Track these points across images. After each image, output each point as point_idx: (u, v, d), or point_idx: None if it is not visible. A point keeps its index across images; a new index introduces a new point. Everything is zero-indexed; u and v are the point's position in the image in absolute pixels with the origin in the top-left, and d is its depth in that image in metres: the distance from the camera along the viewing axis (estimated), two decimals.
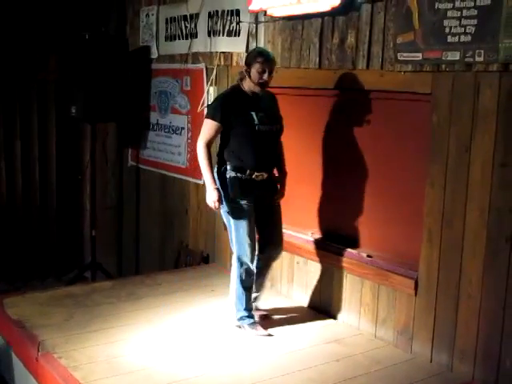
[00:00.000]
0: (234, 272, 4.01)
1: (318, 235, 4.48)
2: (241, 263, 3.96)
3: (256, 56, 3.86)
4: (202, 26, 5.30)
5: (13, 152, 6.57)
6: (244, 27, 4.83)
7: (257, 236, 4.03)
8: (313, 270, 4.46)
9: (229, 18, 4.98)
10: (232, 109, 3.86)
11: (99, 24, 6.44)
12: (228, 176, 3.87)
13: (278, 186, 4.09)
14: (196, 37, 5.40)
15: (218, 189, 3.86)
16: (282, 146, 4.12)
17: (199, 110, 5.32)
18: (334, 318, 4.28)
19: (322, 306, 4.39)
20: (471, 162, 3.40)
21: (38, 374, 3.56)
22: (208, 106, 4.90)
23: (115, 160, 6.83)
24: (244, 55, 4.84)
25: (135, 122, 6.40)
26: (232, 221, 3.93)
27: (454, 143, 3.49)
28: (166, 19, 5.80)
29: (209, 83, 5.24)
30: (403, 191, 3.92)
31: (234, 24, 4.91)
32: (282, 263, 4.69)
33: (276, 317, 4.26)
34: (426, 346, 3.70)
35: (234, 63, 4.99)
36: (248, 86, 3.91)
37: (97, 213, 6.45)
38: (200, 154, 3.88)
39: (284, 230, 4.60)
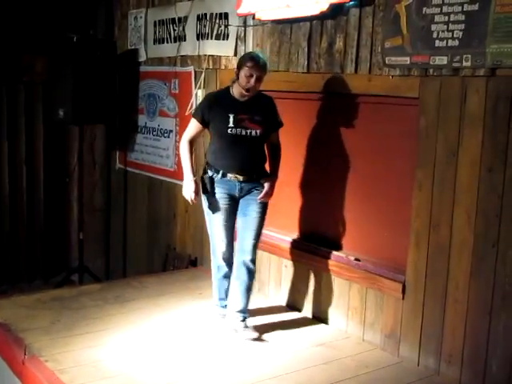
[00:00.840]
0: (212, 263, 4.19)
1: (304, 238, 4.49)
2: (213, 257, 4.13)
3: (246, 60, 3.84)
4: (191, 29, 5.30)
5: (0, 155, 6.52)
6: (232, 31, 4.83)
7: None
8: (300, 273, 4.46)
9: (217, 21, 4.98)
10: (213, 109, 3.92)
11: (87, 26, 6.42)
12: (204, 174, 3.98)
13: (265, 186, 3.98)
14: (184, 40, 5.40)
15: (195, 181, 3.98)
16: (279, 149, 4.11)
17: (187, 112, 5.31)
18: (322, 321, 4.29)
19: (310, 309, 4.39)
20: (458, 166, 3.42)
21: (25, 378, 3.54)
22: None
23: (103, 162, 6.82)
24: (232, 58, 4.86)
25: (123, 124, 6.40)
26: (207, 216, 4.06)
27: (441, 147, 3.50)
28: (155, 22, 5.80)
29: (197, 86, 5.24)
30: (391, 195, 3.93)
31: (223, 27, 4.92)
32: (269, 266, 4.70)
33: (263, 320, 4.26)
34: (414, 350, 3.72)
35: (223, 66, 4.99)
36: (237, 89, 3.90)
37: (84, 216, 6.43)
38: (180, 147, 4.08)
39: (272, 234, 4.62)
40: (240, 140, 3.87)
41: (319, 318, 4.32)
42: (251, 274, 4.01)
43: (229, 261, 4.08)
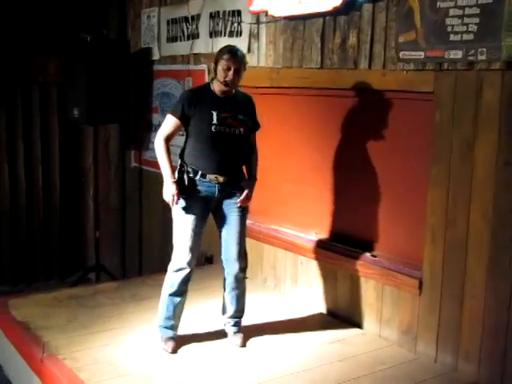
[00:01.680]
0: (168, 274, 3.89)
1: (321, 235, 4.48)
2: (173, 266, 3.82)
3: (223, 52, 3.67)
4: (204, 26, 5.30)
5: (16, 155, 6.57)
6: (245, 28, 4.83)
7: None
8: (316, 270, 4.45)
9: (230, 18, 4.98)
10: (193, 106, 3.69)
11: (100, 26, 6.45)
12: (179, 175, 3.74)
13: (245, 190, 3.78)
14: (197, 38, 5.40)
15: (176, 182, 3.70)
16: (256, 151, 3.93)
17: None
18: (338, 318, 4.28)
19: (326, 306, 4.38)
20: (474, 161, 3.39)
21: (43, 376, 3.56)
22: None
23: (118, 162, 6.84)
24: (246, 56, 4.84)
25: (137, 123, 6.41)
26: (176, 220, 3.82)
27: (456, 142, 3.48)
28: (168, 21, 5.81)
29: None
30: (406, 191, 3.91)
31: (236, 25, 4.92)
32: (285, 263, 4.69)
33: (279, 317, 4.26)
34: (431, 346, 3.70)
35: None
36: (217, 85, 3.70)
37: (100, 214, 6.46)
38: (156, 147, 3.79)
39: (288, 231, 4.61)
40: (223, 139, 3.68)
41: (335, 314, 4.30)
42: (240, 282, 3.86)
43: (188, 276, 3.80)
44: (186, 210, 3.74)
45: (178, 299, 3.80)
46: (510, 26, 3.12)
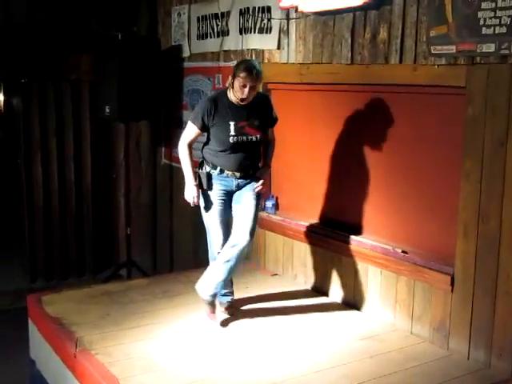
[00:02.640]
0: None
1: (350, 231, 4.46)
2: (210, 250, 4.25)
3: (240, 71, 3.85)
4: (234, 23, 5.30)
5: (49, 152, 6.66)
6: (275, 24, 4.82)
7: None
8: (347, 265, 4.43)
9: (260, 14, 4.97)
10: (213, 116, 3.95)
11: (131, 24, 6.50)
12: (202, 170, 4.06)
13: (261, 177, 4.09)
14: (227, 34, 5.41)
15: (197, 185, 4.04)
16: (273, 141, 4.20)
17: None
18: (369, 314, 4.26)
19: (357, 303, 4.37)
20: (507, 156, 3.35)
21: (76, 371, 3.61)
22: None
23: (149, 158, 6.89)
24: (276, 52, 4.85)
25: (168, 120, 6.45)
26: (204, 210, 4.12)
27: (489, 137, 3.44)
28: (198, 18, 5.82)
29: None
30: (438, 186, 3.88)
31: (266, 21, 4.91)
32: (315, 259, 4.68)
33: (310, 313, 4.25)
34: (463, 343, 3.66)
35: (266, 60, 4.98)
36: (233, 95, 3.93)
37: (131, 211, 6.51)
38: (180, 152, 4.10)
39: (317, 226, 4.60)
40: (240, 146, 3.95)
41: (366, 310, 4.29)
42: (243, 255, 4.02)
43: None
44: (208, 202, 4.06)
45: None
46: None
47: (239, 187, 4.07)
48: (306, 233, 4.73)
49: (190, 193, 4.06)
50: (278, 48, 4.81)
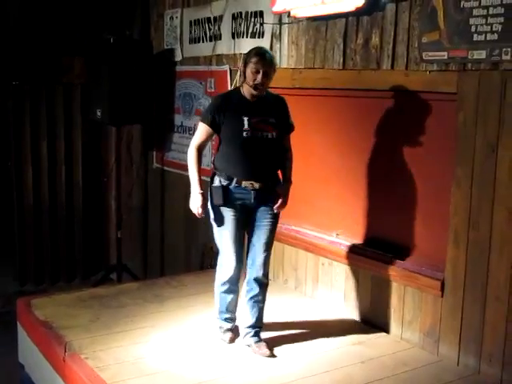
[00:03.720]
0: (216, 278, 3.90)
1: (343, 236, 4.46)
2: (220, 270, 3.83)
3: (251, 55, 3.60)
4: (226, 27, 5.31)
5: (39, 154, 6.63)
6: (268, 28, 4.83)
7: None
8: (338, 271, 4.44)
9: (252, 19, 4.98)
10: (223, 112, 3.65)
11: (124, 27, 6.48)
12: (214, 183, 3.70)
13: (281, 195, 3.74)
14: (220, 39, 5.41)
15: (202, 193, 3.70)
16: (290, 153, 3.87)
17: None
18: (360, 319, 4.26)
19: (347, 308, 4.37)
20: (498, 162, 3.36)
21: (65, 375, 3.59)
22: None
23: (140, 162, 6.88)
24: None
25: (160, 124, 6.44)
26: (216, 229, 3.76)
27: (480, 143, 3.45)
28: (190, 22, 5.82)
29: (233, 85, 5.25)
30: (428, 192, 3.89)
31: (258, 25, 4.92)
32: (306, 264, 4.68)
33: (300, 319, 4.25)
34: (453, 349, 3.67)
35: None
36: (246, 89, 3.66)
37: (122, 214, 6.49)
38: (188, 157, 3.76)
39: (309, 232, 4.60)
40: (255, 143, 3.62)
41: (357, 316, 4.29)
42: (263, 288, 3.80)
43: (237, 277, 3.79)
44: (222, 219, 3.70)
45: (230, 296, 3.85)
46: None
47: (258, 202, 3.69)
48: (297, 237, 4.73)
49: (195, 202, 3.72)
50: None
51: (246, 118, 3.60)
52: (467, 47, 3.42)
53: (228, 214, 3.69)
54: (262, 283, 3.79)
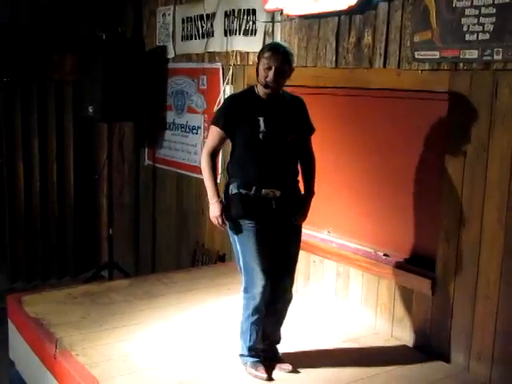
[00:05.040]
0: (242, 303, 3.48)
1: (334, 234, 4.47)
2: (248, 295, 3.41)
3: (264, 51, 3.32)
4: (219, 25, 5.31)
5: (31, 151, 6.60)
6: (260, 26, 4.83)
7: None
8: (329, 268, 4.45)
9: (245, 17, 4.98)
10: (237, 114, 3.34)
11: (116, 24, 6.47)
12: (230, 192, 3.36)
13: (303, 207, 3.49)
14: (212, 36, 5.41)
15: (221, 201, 3.38)
16: (314, 160, 3.57)
17: (215, 109, 5.32)
18: (350, 317, 4.27)
19: (338, 305, 4.38)
20: (489, 161, 3.38)
21: (56, 372, 3.59)
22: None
23: (132, 159, 6.87)
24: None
25: (152, 121, 6.44)
26: (238, 244, 3.41)
27: (471, 142, 3.47)
28: (183, 19, 5.82)
29: (225, 82, 5.25)
30: (420, 190, 3.90)
31: (251, 23, 4.92)
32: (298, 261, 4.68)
33: (291, 315, 4.25)
34: (443, 347, 3.69)
35: (251, 62, 4.99)
36: (260, 87, 3.37)
37: (113, 212, 6.48)
38: (202, 164, 3.43)
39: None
40: (273, 147, 3.30)
41: (347, 313, 4.30)
42: (288, 303, 3.55)
43: (268, 298, 3.39)
44: (241, 232, 3.35)
45: (256, 326, 3.45)
46: None
47: (278, 212, 3.35)
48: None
49: (214, 212, 3.36)
50: None
51: (261, 119, 3.30)
52: (459, 47, 3.43)
53: (250, 226, 3.33)
54: (288, 299, 3.54)
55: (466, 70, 3.45)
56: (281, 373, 3.47)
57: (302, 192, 3.54)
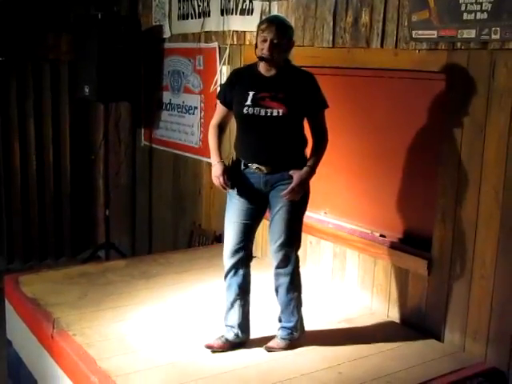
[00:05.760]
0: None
1: (331, 215, 4.48)
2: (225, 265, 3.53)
3: (261, 23, 3.29)
4: (215, 4, 5.26)
5: (26, 132, 6.58)
6: (257, 6, 4.79)
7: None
8: (326, 249, 4.46)
9: None
10: (234, 88, 3.37)
11: (111, 3, 6.40)
12: (231, 165, 3.47)
13: (294, 179, 3.33)
14: (209, 15, 5.37)
15: (222, 162, 3.38)
16: (323, 137, 3.43)
17: (212, 89, 5.30)
18: (347, 297, 4.29)
19: (335, 286, 4.40)
20: (486, 141, 3.38)
21: (53, 351, 3.60)
22: None
23: (128, 140, 6.85)
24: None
25: (148, 101, 6.41)
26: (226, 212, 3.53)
27: (468, 122, 3.46)
28: None
29: (222, 62, 5.22)
30: (416, 170, 3.90)
31: (247, 2, 4.88)
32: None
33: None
34: (439, 326, 3.71)
35: (247, 42, 4.95)
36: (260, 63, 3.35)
37: (110, 193, 6.48)
38: (209, 134, 3.53)
39: None
40: (259, 122, 3.28)
41: (344, 294, 4.31)
42: (282, 277, 3.52)
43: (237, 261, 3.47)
44: (231, 201, 3.45)
45: (238, 302, 3.51)
46: None
47: (267, 187, 3.37)
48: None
49: (215, 172, 3.37)
50: None
51: (251, 93, 3.27)
52: (457, 26, 3.41)
53: (235, 200, 3.43)
54: (278, 273, 3.52)
55: (464, 49, 3.43)
56: (281, 355, 3.48)
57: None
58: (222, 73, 5.20)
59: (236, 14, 5.01)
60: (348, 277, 4.30)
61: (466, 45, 3.42)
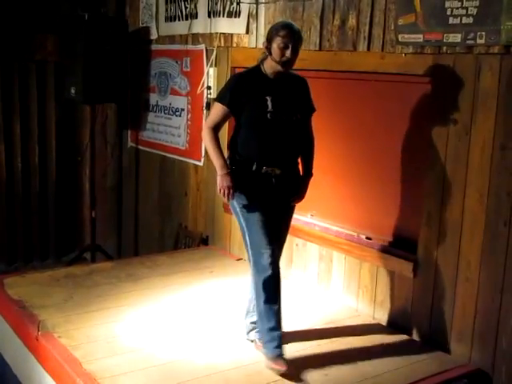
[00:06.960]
0: (253, 282, 3.49)
1: (317, 217, 4.49)
2: (258, 269, 3.39)
3: (278, 29, 3.30)
4: (202, 6, 5.26)
5: (12, 133, 6.54)
6: (244, 8, 4.80)
7: None
8: (312, 252, 4.47)
9: None
10: (244, 92, 3.34)
11: (98, 4, 6.38)
12: (232, 167, 3.40)
13: (301, 187, 3.57)
14: (196, 17, 5.37)
15: (230, 173, 3.35)
16: (313, 141, 3.62)
17: (199, 91, 5.30)
18: (333, 299, 4.30)
19: (321, 288, 4.41)
20: (471, 145, 3.40)
21: (38, 354, 3.58)
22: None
23: (115, 141, 6.83)
24: (244, 36, 4.83)
25: (135, 103, 6.40)
26: (242, 218, 3.44)
27: (454, 126, 3.49)
28: (166, 0, 5.77)
29: (209, 64, 5.22)
30: (403, 174, 3.92)
31: (235, 5, 4.89)
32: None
33: None
34: (424, 328, 3.73)
35: (234, 44, 4.97)
36: (270, 66, 3.35)
37: (96, 194, 6.46)
38: (205, 138, 3.43)
39: None
40: (280, 126, 3.34)
41: (329, 296, 4.33)
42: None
43: (278, 267, 3.44)
44: (248, 206, 3.39)
45: (275, 306, 3.42)
46: (510, 10, 3.12)
47: (276, 190, 3.42)
48: None
49: (223, 183, 3.32)
50: (247, 32, 4.79)
51: (269, 99, 3.32)
52: (442, 30, 3.44)
53: (252, 200, 3.39)
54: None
55: (449, 53, 3.46)
56: (261, 354, 3.48)
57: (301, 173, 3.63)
58: (209, 75, 5.20)
59: (223, 16, 5.02)
60: (334, 279, 4.31)
61: (451, 49, 3.45)
